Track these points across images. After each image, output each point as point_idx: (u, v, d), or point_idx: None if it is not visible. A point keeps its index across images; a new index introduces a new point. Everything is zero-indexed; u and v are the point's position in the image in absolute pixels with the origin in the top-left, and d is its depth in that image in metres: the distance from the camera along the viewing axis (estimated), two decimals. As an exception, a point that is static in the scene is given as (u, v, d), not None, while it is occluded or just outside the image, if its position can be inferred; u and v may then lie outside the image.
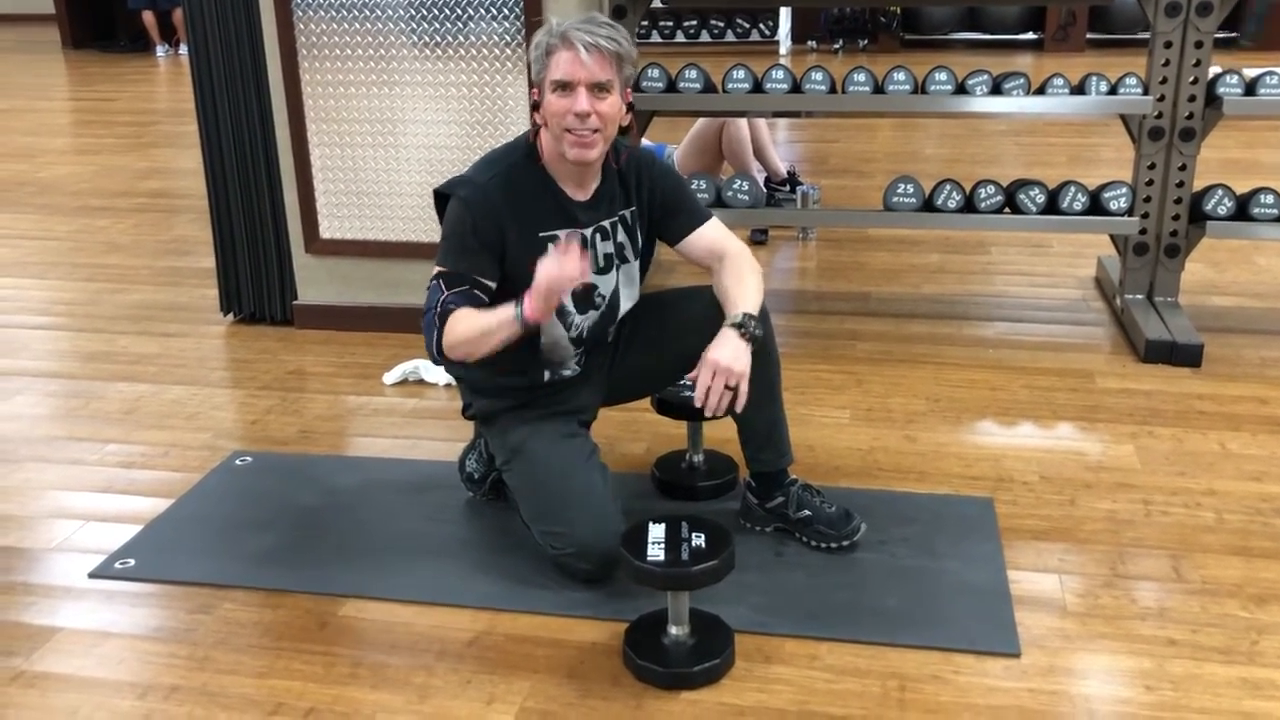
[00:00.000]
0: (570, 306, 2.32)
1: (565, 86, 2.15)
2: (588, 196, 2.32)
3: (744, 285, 2.29)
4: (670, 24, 10.21)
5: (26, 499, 2.73)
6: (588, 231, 2.31)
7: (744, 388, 2.16)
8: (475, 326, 2.16)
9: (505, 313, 2.13)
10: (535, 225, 2.26)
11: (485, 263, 2.23)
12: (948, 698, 1.97)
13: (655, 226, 2.43)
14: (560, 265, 2.03)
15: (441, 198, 2.31)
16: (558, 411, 2.40)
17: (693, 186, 3.61)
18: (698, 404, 2.16)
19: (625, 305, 2.42)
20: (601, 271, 2.35)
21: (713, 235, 2.40)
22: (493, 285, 2.24)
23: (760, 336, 2.21)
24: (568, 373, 2.41)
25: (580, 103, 2.14)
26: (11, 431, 3.09)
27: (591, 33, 2.13)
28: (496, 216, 2.23)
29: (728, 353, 2.15)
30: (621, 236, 2.38)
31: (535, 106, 2.23)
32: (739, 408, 2.19)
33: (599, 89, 2.15)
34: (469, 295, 2.21)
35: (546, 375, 2.38)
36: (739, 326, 2.19)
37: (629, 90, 2.24)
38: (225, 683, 2.05)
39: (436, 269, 2.25)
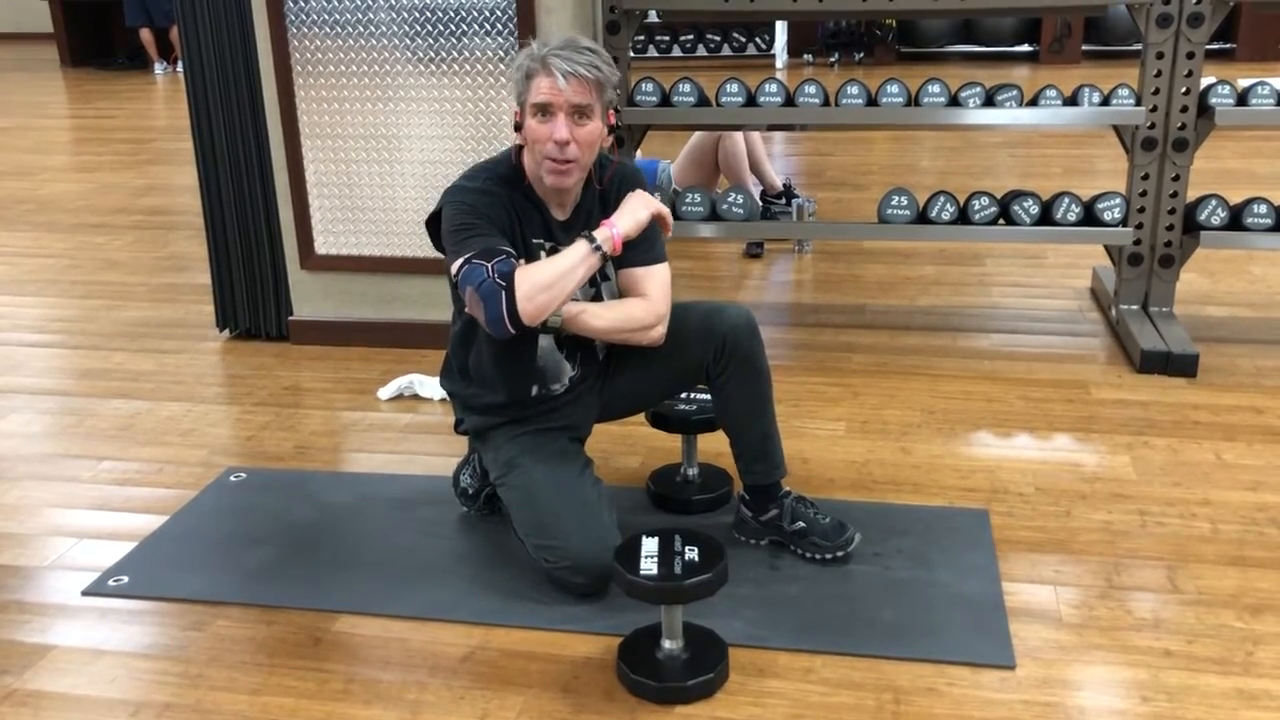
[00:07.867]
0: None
1: (545, 111, 2.15)
2: (566, 216, 2.33)
3: (622, 304, 2.32)
4: (666, 39, 10.24)
5: (21, 516, 2.72)
6: None
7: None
8: (552, 270, 2.15)
9: (579, 249, 2.16)
10: (526, 230, 2.28)
11: (504, 240, 2.19)
12: (942, 710, 1.97)
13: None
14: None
15: (435, 220, 2.30)
16: (550, 428, 2.40)
17: (687, 201, 3.63)
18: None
19: None
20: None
21: (652, 283, 2.32)
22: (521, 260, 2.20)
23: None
24: (557, 387, 2.41)
25: (559, 130, 2.14)
26: (6, 449, 3.08)
27: (570, 59, 2.12)
28: (499, 203, 2.23)
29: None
30: None
31: (518, 127, 2.23)
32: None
33: (579, 114, 2.15)
34: (512, 262, 2.15)
35: (535, 390, 2.38)
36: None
37: (611, 113, 2.23)
38: (218, 700, 2.05)
39: (460, 261, 2.16)
